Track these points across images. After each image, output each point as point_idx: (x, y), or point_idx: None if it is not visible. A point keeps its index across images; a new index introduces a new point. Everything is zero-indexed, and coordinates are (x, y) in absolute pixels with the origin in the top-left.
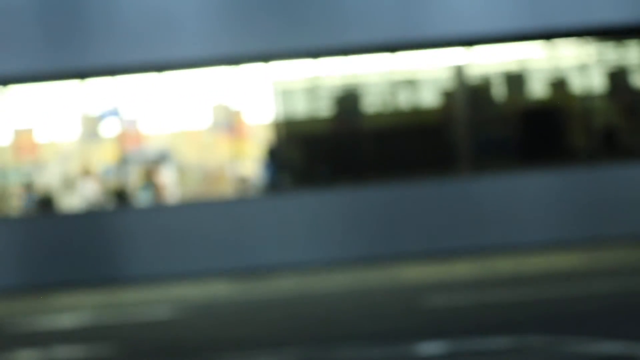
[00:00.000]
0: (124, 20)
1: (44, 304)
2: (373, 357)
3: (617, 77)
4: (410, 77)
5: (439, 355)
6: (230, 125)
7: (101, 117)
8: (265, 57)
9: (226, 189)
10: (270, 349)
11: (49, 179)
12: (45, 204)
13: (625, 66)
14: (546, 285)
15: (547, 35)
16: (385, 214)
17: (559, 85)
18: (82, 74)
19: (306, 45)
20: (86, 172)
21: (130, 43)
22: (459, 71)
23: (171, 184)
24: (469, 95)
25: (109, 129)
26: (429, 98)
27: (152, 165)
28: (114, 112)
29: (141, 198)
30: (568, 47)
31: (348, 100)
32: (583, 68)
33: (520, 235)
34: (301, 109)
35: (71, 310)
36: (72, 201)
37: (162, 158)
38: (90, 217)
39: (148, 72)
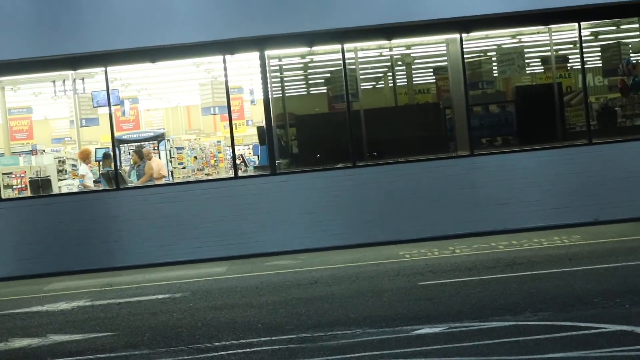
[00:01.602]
0: (116, 6)
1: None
2: (372, 339)
3: (614, 55)
4: (405, 58)
5: (436, 335)
6: (224, 107)
7: (96, 102)
8: (260, 41)
9: (221, 170)
10: (266, 332)
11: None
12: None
13: (622, 44)
14: (545, 266)
15: (543, 14)
16: (381, 195)
17: (555, 63)
18: (75, 60)
19: (300, 29)
20: (84, 156)
21: (124, 28)
22: (455, 52)
23: (165, 165)
24: (465, 76)
25: (104, 113)
26: (424, 79)
27: (148, 147)
28: (110, 97)
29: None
30: (564, 26)
31: (343, 82)
32: (579, 46)
33: (516, 216)
34: (296, 91)
35: (67, 293)
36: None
37: (157, 140)
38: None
39: (143, 56)
